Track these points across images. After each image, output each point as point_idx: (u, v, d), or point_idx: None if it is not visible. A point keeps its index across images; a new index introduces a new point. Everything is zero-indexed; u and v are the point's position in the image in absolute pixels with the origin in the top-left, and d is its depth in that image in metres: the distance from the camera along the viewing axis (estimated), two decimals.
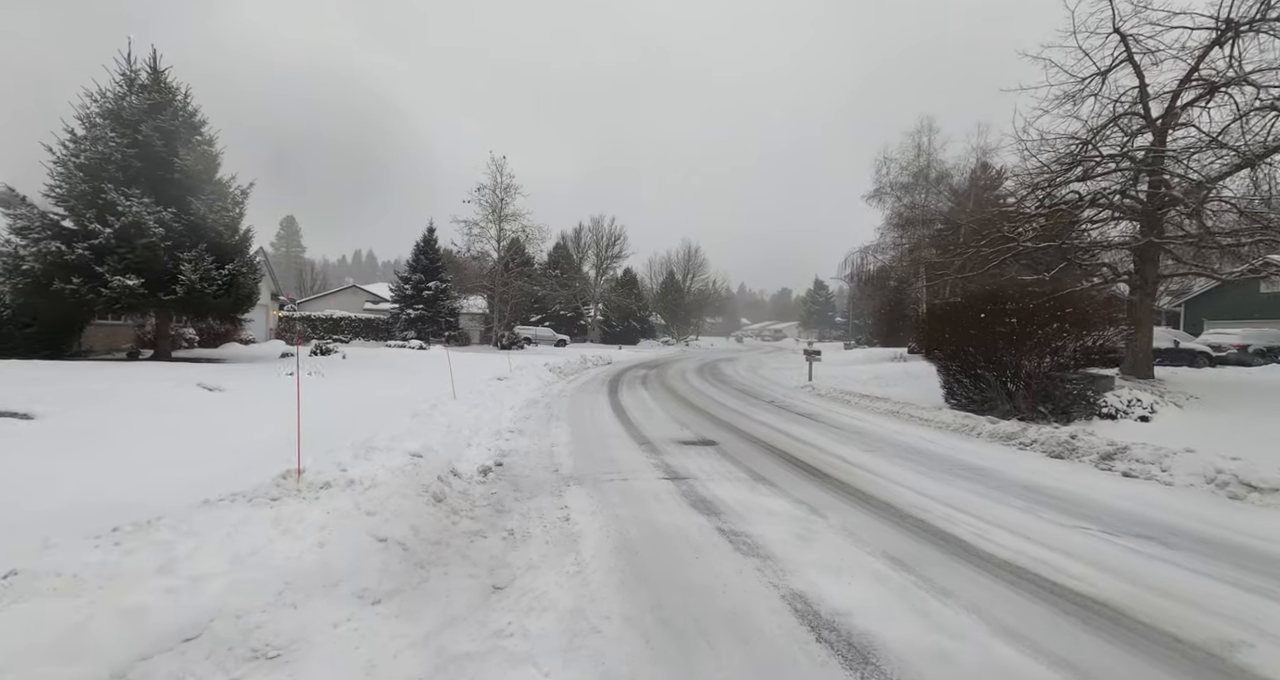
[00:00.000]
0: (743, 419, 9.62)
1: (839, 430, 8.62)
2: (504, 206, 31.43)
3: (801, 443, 7.49)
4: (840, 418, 10.00)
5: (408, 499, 3.78)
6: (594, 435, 7.81)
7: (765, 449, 7.07)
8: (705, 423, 9.16)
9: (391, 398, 9.38)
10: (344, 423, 6.59)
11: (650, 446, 7.08)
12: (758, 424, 9.08)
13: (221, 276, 14.90)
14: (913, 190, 26.23)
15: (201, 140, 15.73)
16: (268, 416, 7.26)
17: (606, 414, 9.95)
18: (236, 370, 13.07)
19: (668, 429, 8.46)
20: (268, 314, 27.00)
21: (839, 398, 13.06)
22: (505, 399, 10.50)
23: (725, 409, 10.96)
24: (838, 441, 7.64)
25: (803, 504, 4.69)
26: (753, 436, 7.92)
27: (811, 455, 6.70)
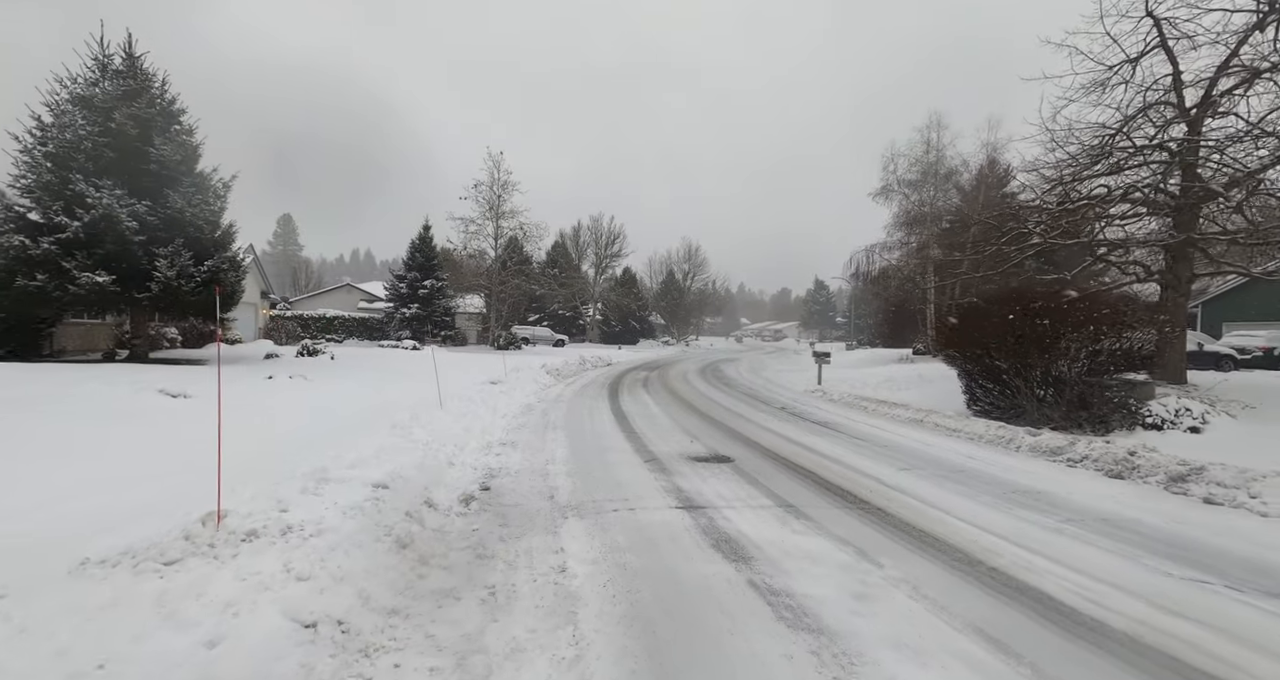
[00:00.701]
0: (755, 429, 8.81)
1: (863, 443, 7.81)
2: (501, 203, 30.59)
3: (826, 458, 6.68)
4: (861, 427, 9.20)
5: (361, 549, 2.96)
6: (594, 449, 6.99)
7: (787, 467, 6.26)
8: (715, 433, 8.34)
9: (372, 406, 8.56)
10: (309, 438, 5.76)
11: (658, 464, 6.27)
12: (773, 435, 8.27)
13: (201, 273, 14.02)
14: (921, 187, 25.46)
15: (181, 130, 14.86)
16: (237, 429, 6.43)
17: (607, 422, 9.13)
18: (212, 373, 12.21)
19: (675, 441, 7.65)
20: (257, 313, 26.13)
21: (853, 403, 12.26)
22: (498, 405, 9.68)
23: (735, 416, 10.15)
24: (866, 457, 6.83)
25: (848, 545, 3.87)
26: (770, 451, 7.11)
27: (841, 475, 5.89)
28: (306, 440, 5.62)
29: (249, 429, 6.48)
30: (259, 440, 5.52)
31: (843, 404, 12.41)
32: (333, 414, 7.67)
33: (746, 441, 7.75)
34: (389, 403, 8.99)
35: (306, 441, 5.55)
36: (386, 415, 7.37)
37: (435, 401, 8.56)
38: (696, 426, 8.94)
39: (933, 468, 6.31)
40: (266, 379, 11.33)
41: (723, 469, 6.09)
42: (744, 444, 7.57)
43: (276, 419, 7.11)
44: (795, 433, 8.51)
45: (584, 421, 9.18)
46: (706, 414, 10.40)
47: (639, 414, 10.17)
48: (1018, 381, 10.04)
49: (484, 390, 10.96)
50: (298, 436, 5.80)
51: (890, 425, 9.48)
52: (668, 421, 9.40)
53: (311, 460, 4.42)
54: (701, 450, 7.06)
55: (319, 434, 5.98)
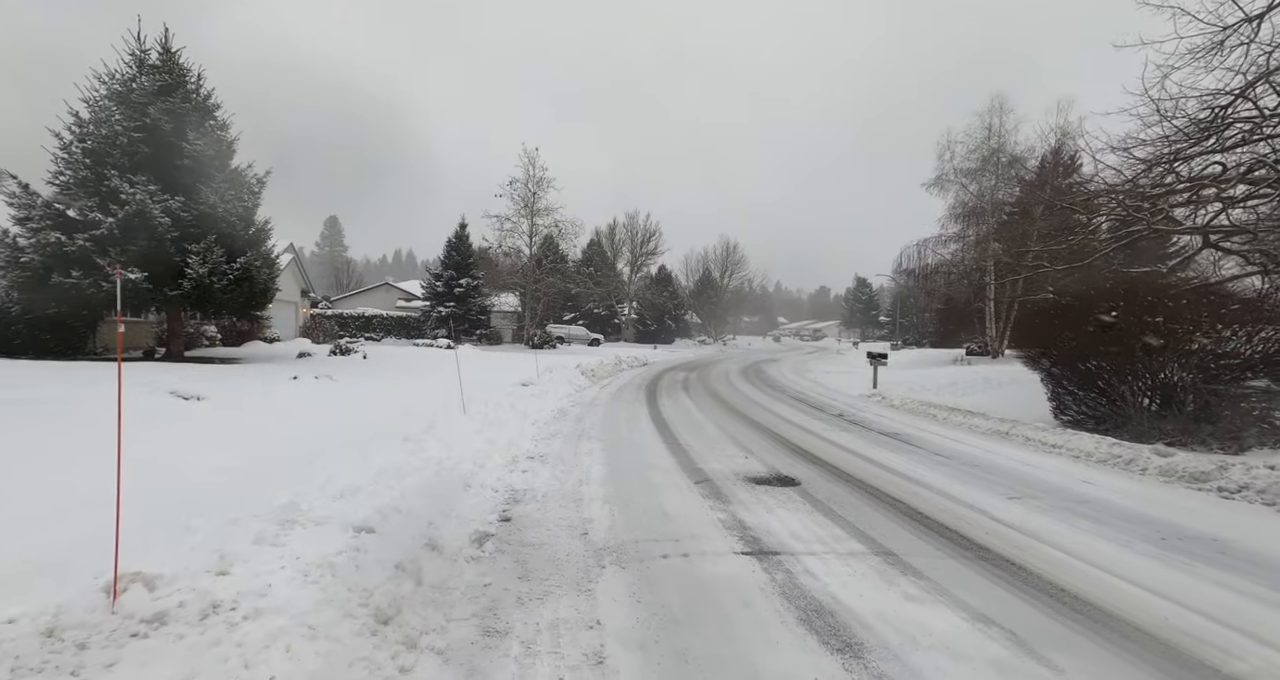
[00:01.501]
0: (816, 441, 7.69)
1: (948, 461, 6.61)
2: (536, 200, 30.03)
3: (911, 481, 5.54)
4: (938, 440, 7.97)
5: (318, 636, 2.07)
6: (634, 465, 6.03)
7: (866, 492, 5.16)
8: (771, 445, 7.27)
9: (391, 411, 7.81)
10: (310, 452, 4.98)
11: (711, 487, 5.25)
12: (839, 449, 7.13)
13: (233, 270, 13.73)
14: (980, 176, 23.58)
15: (215, 125, 14.62)
16: (232, 439, 5.75)
17: (648, 431, 8.16)
18: (239, 373, 11.80)
19: (727, 455, 6.62)
20: (297, 311, 26.24)
21: (919, 410, 10.95)
22: (528, 410, 8.83)
23: (789, 425, 9.03)
24: (958, 480, 5.65)
25: (991, 624, 2.79)
26: (841, 470, 6.00)
27: (938, 506, 4.75)
28: (304, 455, 4.83)
29: (245, 437, 5.78)
30: (248, 456, 4.76)
31: (907, 411, 11.11)
32: (346, 420, 6.94)
33: (809, 457, 6.65)
34: (410, 407, 8.24)
35: (304, 456, 4.76)
36: (404, 422, 6.59)
37: (459, 406, 7.76)
38: (748, 437, 7.88)
39: (1049, 497, 5.10)
40: (291, 379, 10.81)
41: (789, 495, 5.03)
42: (807, 461, 6.47)
43: (283, 426, 6.41)
44: (863, 446, 7.35)
45: (622, 430, 8.24)
46: (757, 422, 9.32)
47: (682, 421, 9.16)
48: (1122, 388, 8.62)
49: (514, 393, 10.15)
50: (296, 450, 5.02)
51: (972, 438, 8.21)
52: (714, 430, 8.36)
53: (295, 486, 3.59)
54: (759, 468, 6.01)
55: (322, 446, 5.20)
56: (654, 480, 5.44)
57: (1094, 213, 12.73)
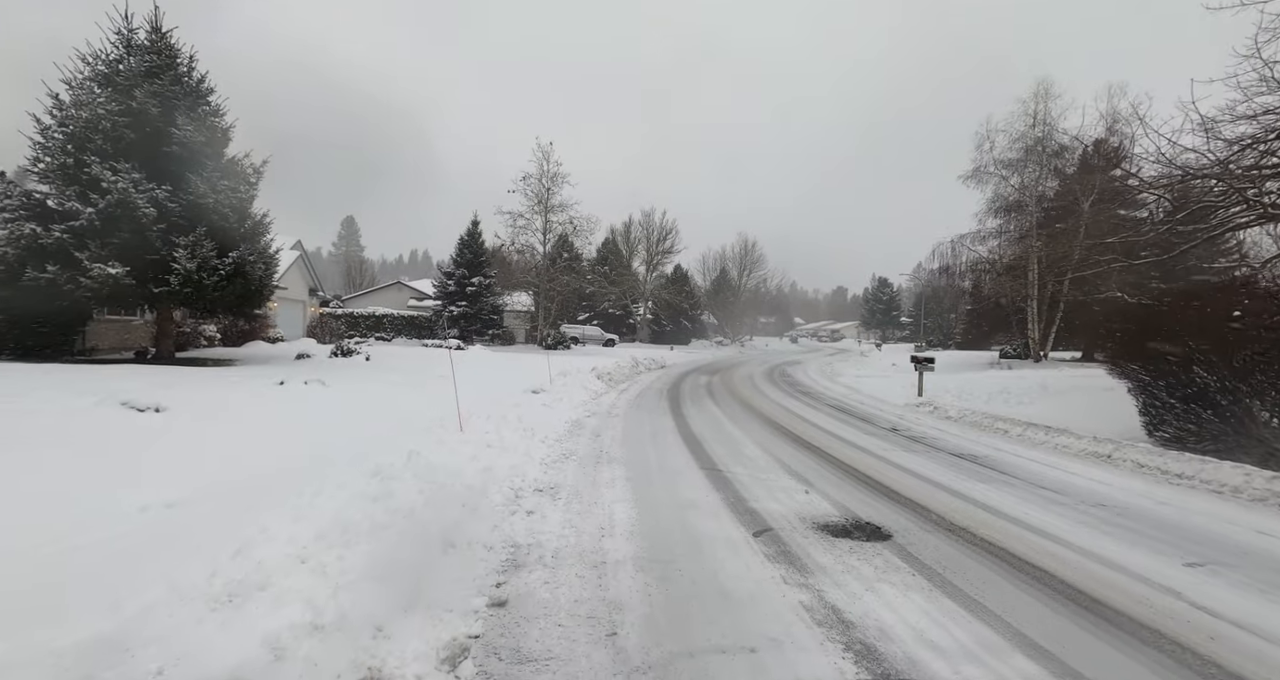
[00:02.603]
0: (883, 466, 6.32)
1: (1061, 497, 5.21)
2: (550, 196, 28.85)
3: (1036, 533, 4.16)
4: (1027, 464, 6.56)
5: None
6: (669, 504, 4.73)
7: (988, 553, 3.80)
8: (831, 473, 5.92)
9: (375, 428, 6.59)
10: (244, 493, 3.75)
11: (775, 540, 3.93)
12: (916, 479, 5.76)
13: (225, 266, 12.66)
14: (1022, 168, 21.91)
15: (208, 110, 13.58)
16: (161, 468, 4.56)
17: (677, 451, 6.85)
18: (223, 376, 10.70)
19: (781, 488, 5.28)
20: (304, 310, 25.33)
21: (984, 424, 9.52)
22: (537, 424, 7.57)
23: (842, 443, 7.66)
24: (1098, 531, 4.26)
25: None
26: (933, 512, 4.64)
27: (1103, 580, 3.37)
28: (229, 503, 3.60)
29: (179, 467, 4.57)
30: (163, 501, 3.55)
31: (970, 425, 9.68)
32: (316, 441, 5.72)
33: (884, 491, 5.30)
34: (402, 421, 7.02)
35: (234, 504, 3.53)
36: (385, 444, 5.35)
37: (463, 417, 6.51)
38: (799, 461, 6.53)
39: (1243, 564, 3.70)
40: (277, 385, 9.67)
41: (885, 557, 3.69)
42: (884, 497, 5.12)
43: (237, 449, 5.21)
44: (943, 474, 5.97)
45: (647, 449, 6.93)
46: (802, 438, 7.96)
47: (715, 437, 7.84)
48: (1248, 403, 7.15)
49: (522, 402, 8.91)
50: (230, 490, 3.80)
51: (1068, 463, 6.77)
52: (756, 451, 7.02)
53: (175, 572, 2.35)
54: (828, 510, 4.67)
55: (269, 483, 3.98)
56: (698, 529, 4.13)
57: (1183, 201, 11.14)
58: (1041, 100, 20.96)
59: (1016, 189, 22.18)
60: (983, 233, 23.54)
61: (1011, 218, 22.79)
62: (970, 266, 24.53)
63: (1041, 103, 20.95)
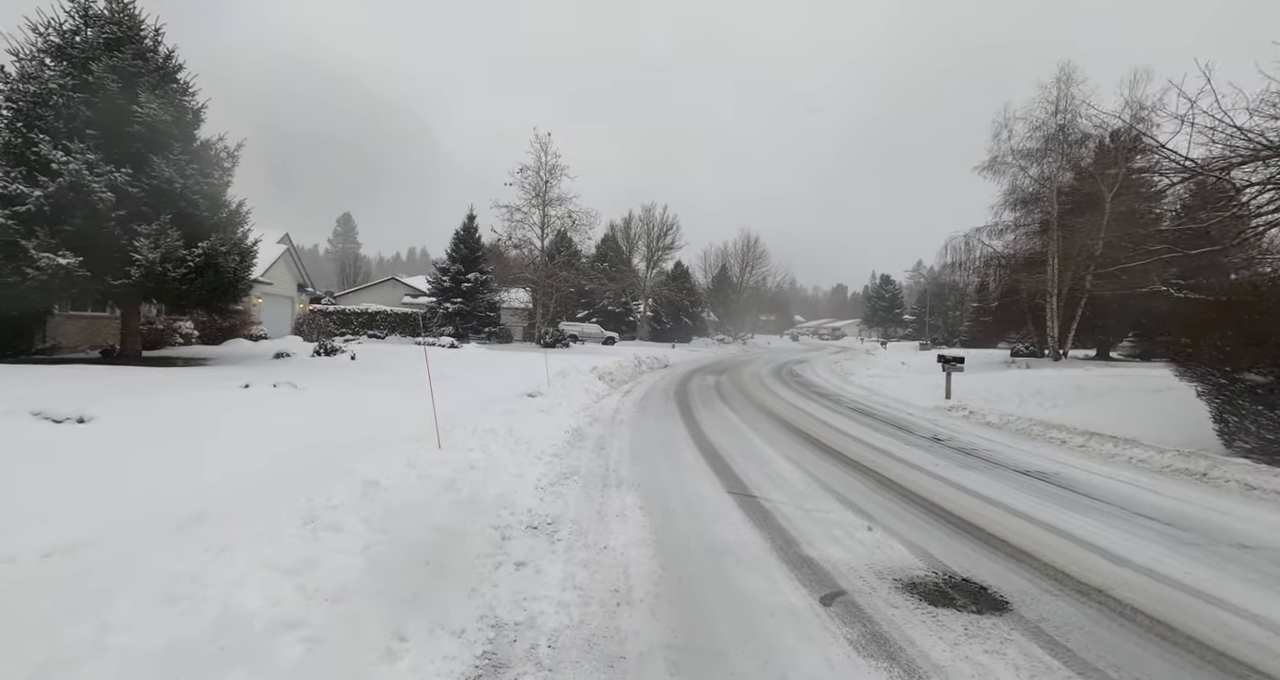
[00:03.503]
0: (949, 490, 5.24)
1: (1187, 536, 4.13)
2: (548, 189, 27.66)
3: (1212, 603, 3.09)
4: (1116, 486, 5.48)
5: None
6: (699, 549, 3.64)
7: (1164, 638, 2.72)
8: (890, 500, 4.83)
9: (337, 443, 5.49)
10: (120, 542, 2.65)
11: (854, 614, 2.84)
12: (999, 509, 4.68)
13: (193, 257, 11.53)
14: (1042, 158, 20.82)
15: (176, 89, 12.44)
16: (35, 507, 3.47)
17: (698, 469, 5.77)
18: (184, 378, 9.58)
19: (835, 522, 4.20)
20: (292, 307, 24.18)
21: (1032, 432, 8.46)
22: (533, 436, 6.48)
23: (886, 458, 6.57)
24: (1270, 590, 3.20)
25: None
26: (1048, 563, 3.56)
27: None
28: (77, 571, 2.50)
29: (69, 502, 3.47)
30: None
31: (1017, 433, 8.61)
32: (251, 467, 4.62)
33: (963, 526, 4.21)
34: (372, 433, 5.93)
35: (67, 581, 2.43)
36: (345, 465, 4.26)
37: (439, 433, 5.41)
38: (843, 481, 5.45)
39: None
40: (241, 388, 8.56)
41: (1021, 645, 2.60)
42: (967, 535, 4.04)
43: (143, 477, 4.11)
44: (1021, 500, 4.89)
45: (661, 467, 5.85)
46: (837, 450, 6.88)
47: (738, 450, 6.76)
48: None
49: (516, 408, 7.82)
50: (93, 543, 2.70)
51: (1157, 482, 5.70)
52: (789, 468, 5.94)
53: None
54: (908, 559, 3.58)
55: (164, 531, 2.89)
56: (744, 591, 3.04)
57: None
58: (1063, 86, 19.87)
59: (1036, 180, 21.10)
60: (999, 226, 22.48)
61: (1030, 210, 21.73)
62: (985, 261, 23.47)
63: (1063, 88, 19.86)
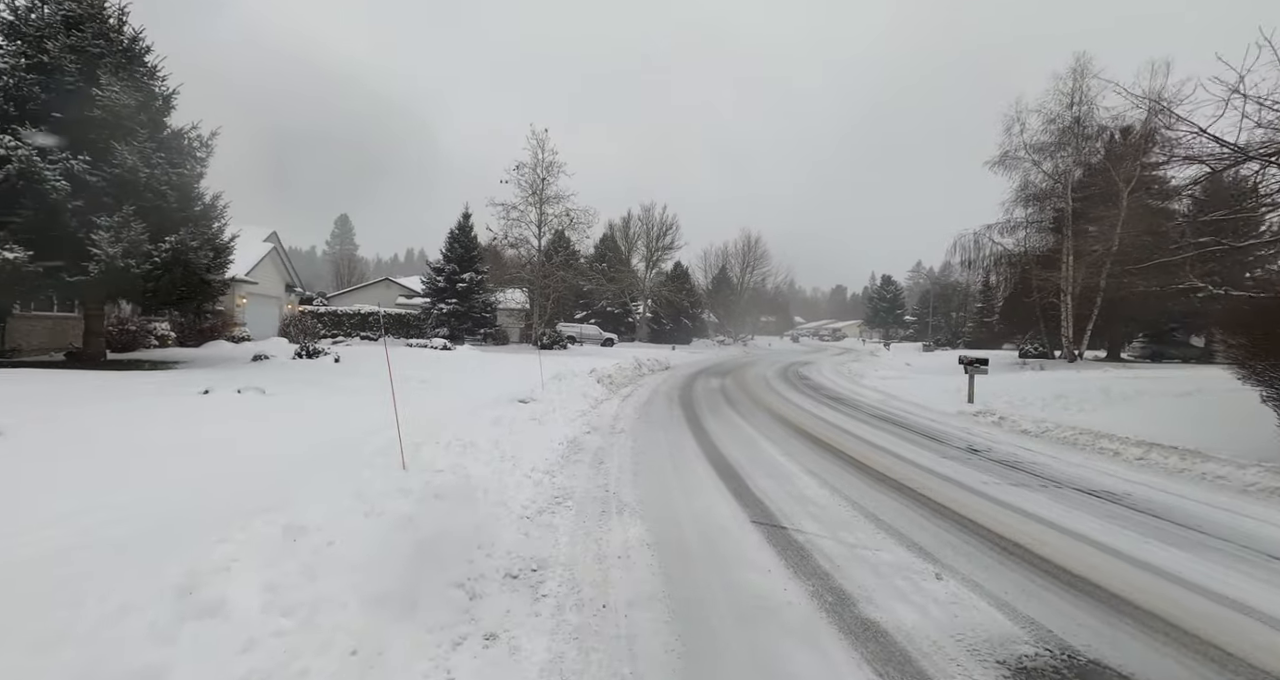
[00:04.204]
0: (1013, 517, 4.36)
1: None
2: (545, 187, 26.78)
3: None
4: (1213, 514, 4.62)
5: None
6: (731, 615, 2.76)
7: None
8: (949, 532, 3.96)
9: (289, 462, 4.60)
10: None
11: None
12: (1084, 545, 3.80)
13: (160, 253, 10.65)
14: (1055, 153, 20.01)
15: (144, 72, 11.57)
16: None
17: (714, 491, 4.89)
18: (143, 383, 8.67)
19: (895, 568, 3.32)
20: (280, 307, 23.27)
21: (1078, 442, 7.60)
22: (523, 447, 5.60)
23: (923, 473, 5.70)
24: None
25: None
26: (1187, 631, 2.69)
27: None
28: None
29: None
30: None
31: (1058, 442, 7.76)
32: (162, 497, 3.74)
33: (1057, 574, 3.34)
34: (333, 450, 5.03)
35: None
36: (285, 496, 3.38)
37: (403, 451, 4.53)
38: (885, 506, 4.58)
39: None
40: (200, 394, 7.66)
41: None
42: (1066, 587, 3.16)
43: (16, 511, 3.22)
44: (1103, 530, 4.02)
45: (670, 488, 4.97)
46: (866, 465, 6.01)
47: (755, 464, 5.89)
48: None
49: (504, 417, 6.93)
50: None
51: (1249, 505, 4.84)
52: (818, 489, 5.07)
53: None
54: (1001, 624, 2.71)
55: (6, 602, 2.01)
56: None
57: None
58: (1079, 78, 19.06)
59: (1049, 175, 20.29)
60: (1011, 223, 21.66)
61: (1043, 206, 20.91)
62: (995, 260, 22.65)
63: (1079, 80, 19.05)
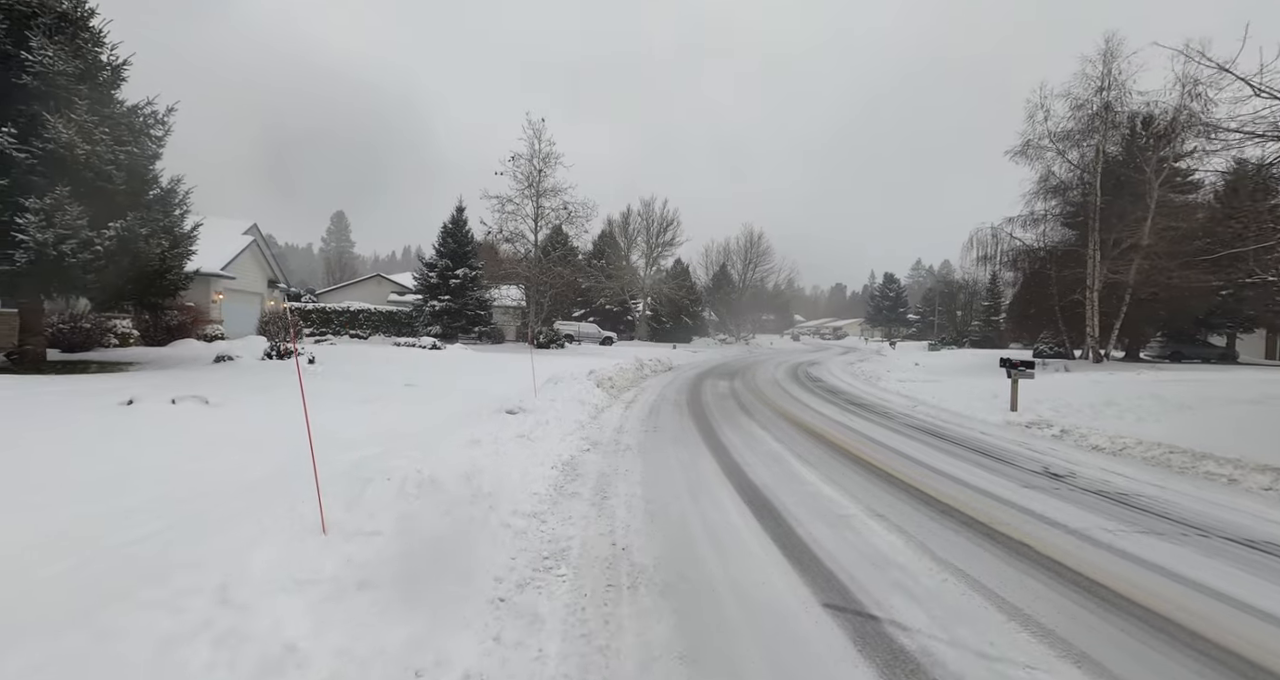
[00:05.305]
0: (1210, 607, 3.09)
1: None
2: (542, 179, 25.43)
3: None
4: None
5: None
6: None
7: None
8: (1121, 632, 2.67)
9: (156, 532, 3.27)
10: None
11: None
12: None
13: (102, 240, 9.32)
14: (1082, 141, 18.74)
15: (88, 38, 10.21)
16: None
17: (755, 545, 3.59)
18: (56, 390, 7.33)
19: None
20: (262, 304, 21.90)
21: (1173, 464, 6.33)
22: (504, 480, 4.30)
23: (1026, 518, 4.41)
24: None
25: None
26: None
27: None
28: None
29: None
30: None
31: (1142, 461, 6.50)
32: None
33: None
34: (227, 500, 3.73)
35: None
36: (131, 588, 2.08)
37: (350, 487, 3.22)
38: (1007, 579, 3.29)
39: None
40: (122, 405, 6.33)
41: None
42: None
43: None
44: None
45: (700, 544, 3.68)
46: (943, 503, 4.72)
47: (802, 502, 4.60)
48: None
49: (488, 434, 5.63)
50: None
51: None
52: (909, 554, 3.78)
53: None
54: None
55: None
56: None
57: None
58: (1108, 61, 17.77)
59: (1075, 165, 19.02)
60: (1032, 216, 20.39)
61: (1067, 198, 19.65)
62: (1015, 255, 21.40)
63: (1107, 63, 17.76)
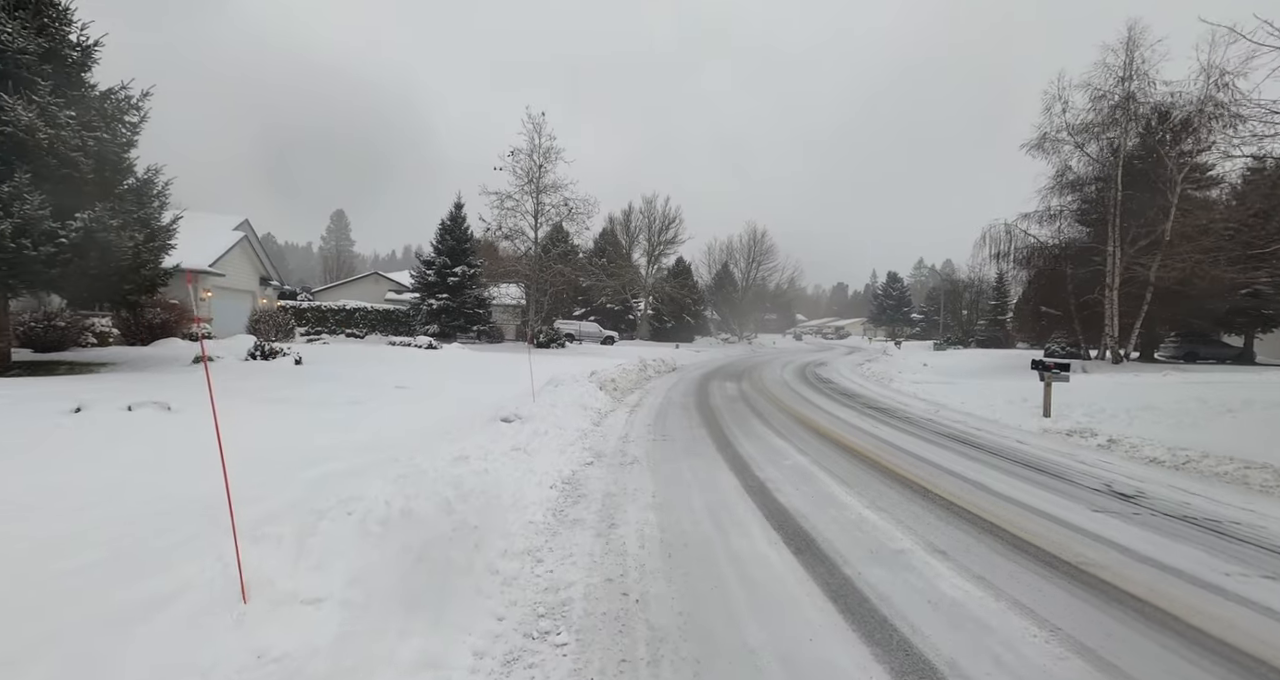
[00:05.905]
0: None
1: None
2: (542, 174, 24.66)
3: None
4: None
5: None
6: None
7: None
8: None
9: (88, 557, 2.52)
10: None
11: None
12: None
13: (68, 232, 8.59)
14: (1101, 134, 17.98)
15: (55, 16, 9.47)
16: None
17: (811, 606, 2.83)
18: (24, 393, 6.59)
19: None
20: (254, 302, 21.16)
21: (1253, 483, 5.59)
22: (493, 509, 3.57)
23: (1124, 558, 3.66)
24: None
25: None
26: None
27: None
28: None
29: None
30: None
31: (1214, 478, 5.76)
32: None
33: None
34: (129, 549, 2.99)
35: None
36: None
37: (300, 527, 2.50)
38: (1154, 667, 2.56)
39: None
40: (69, 414, 5.59)
41: None
42: None
43: None
44: None
45: (735, 597, 2.93)
46: (1027, 542, 3.98)
47: (849, 538, 3.87)
48: None
49: (478, 449, 4.91)
50: None
51: None
52: (993, 609, 3.04)
53: None
54: None
55: None
56: None
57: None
58: (1129, 50, 16.99)
59: (1094, 159, 18.25)
60: (1048, 212, 19.62)
61: (1085, 193, 18.90)
62: (1030, 252, 20.64)
63: (1129, 52, 16.98)
